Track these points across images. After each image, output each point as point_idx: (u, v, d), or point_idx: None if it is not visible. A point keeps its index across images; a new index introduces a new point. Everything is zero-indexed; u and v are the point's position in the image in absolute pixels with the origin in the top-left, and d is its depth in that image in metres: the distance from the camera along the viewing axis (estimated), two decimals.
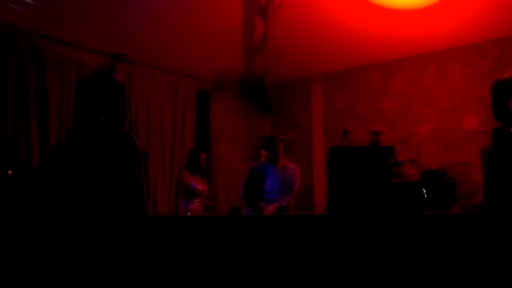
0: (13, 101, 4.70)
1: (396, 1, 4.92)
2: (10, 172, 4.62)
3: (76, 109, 5.10)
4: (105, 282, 2.13)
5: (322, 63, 6.54)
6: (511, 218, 2.15)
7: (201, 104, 6.72)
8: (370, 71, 6.56)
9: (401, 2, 4.92)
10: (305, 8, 5.15)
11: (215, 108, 6.85)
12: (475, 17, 5.06)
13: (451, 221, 2.32)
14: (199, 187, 4.99)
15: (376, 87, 6.51)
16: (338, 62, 6.50)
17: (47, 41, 5.02)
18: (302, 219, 2.93)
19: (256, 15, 5.81)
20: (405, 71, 6.28)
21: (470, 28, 5.33)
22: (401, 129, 6.15)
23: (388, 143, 5.57)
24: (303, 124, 7.07)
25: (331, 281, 2.56)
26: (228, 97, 6.96)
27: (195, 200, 4.93)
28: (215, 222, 3.21)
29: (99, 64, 5.28)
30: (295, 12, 5.20)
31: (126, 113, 2.47)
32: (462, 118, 5.77)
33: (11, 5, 4.35)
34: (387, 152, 3.33)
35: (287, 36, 5.54)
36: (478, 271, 2.14)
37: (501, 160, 2.31)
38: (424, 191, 3.07)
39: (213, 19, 5.21)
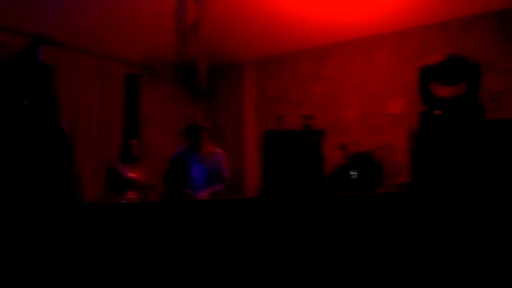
0: None
1: None
2: None
3: None
4: (33, 267, 2.02)
5: (255, 48, 6.56)
6: (436, 196, 2.28)
7: (130, 89, 6.51)
8: (301, 57, 6.67)
9: None
10: None
11: (145, 93, 6.66)
12: (400, 5, 5.29)
13: (382, 200, 2.41)
14: (130, 175, 4.84)
15: (307, 73, 6.63)
16: (271, 47, 6.55)
17: None
18: (239, 202, 2.93)
19: None
20: (334, 57, 6.45)
21: (395, 16, 5.56)
22: (330, 113, 6.33)
23: (318, 127, 5.70)
24: (236, 109, 7.07)
25: (264, 263, 2.59)
26: (158, 82, 6.79)
27: (130, 191, 4.77)
28: (148, 209, 3.14)
29: (20, 46, 4.93)
30: None
31: (55, 97, 2.34)
32: (388, 103, 6.03)
33: None
34: (318, 135, 3.40)
35: (221, 20, 5.48)
36: (407, 248, 2.25)
37: (427, 141, 2.44)
38: (353, 173, 3.19)
39: (144, 0, 5.05)
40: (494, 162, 2.32)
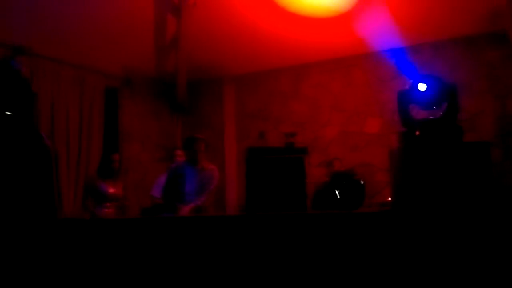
0: None
1: (306, 9, 5.13)
2: None
3: None
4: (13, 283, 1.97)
5: (234, 65, 6.60)
6: (418, 215, 2.33)
7: (110, 102, 6.44)
8: (280, 74, 6.74)
9: (312, 10, 5.14)
10: (219, 9, 5.17)
11: (125, 107, 6.60)
12: (376, 28, 5.42)
13: (365, 220, 2.45)
14: (111, 190, 4.77)
15: (286, 90, 6.70)
16: (250, 64, 6.60)
17: None
18: (219, 220, 2.93)
19: (168, 12, 5.72)
20: (314, 76, 6.54)
21: (370, 38, 5.69)
22: (310, 131, 6.39)
23: (298, 145, 5.75)
24: (215, 125, 7.07)
25: (247, 281, 2.59)
26: (138, 96, 6.75)
27: (107, 204, 4.70)
28: (129, 225, 3.10)
29: None
30: (208, 13, 5.20)
31: (34, 108, 2.30)
32: (366, 122, 6.13)
33: None
34: (301, 152, 3.43)
35: (200, 36, 5.53)
36: (389, 266, 2.28)
37: (408, 161, 2.49)
38: (337, 191, 3.21)
39: (124, 13, 5.05)
40: (470, 183, 2.38)
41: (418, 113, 2.75)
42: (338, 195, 3.88)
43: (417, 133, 2.59)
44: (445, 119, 2.61)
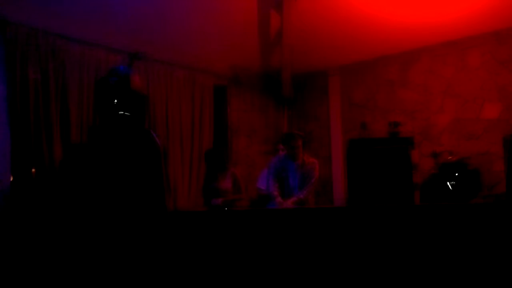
0: (35, 101, 4.78)
1: None
2: (33, 170, 4.72)
3: (95, 107, 5.17)
4: (124, 278, 2.16)
5: (339, 55, 6.50)
6: None
7: (218, 99, 6.75)
8: (387, 62, 6.50)
9: None
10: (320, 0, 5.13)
11: (233, 103, 6.87)
12: (494, 4, 4.97)
13: (474, 212, 2.29)
14: (221, 184, 4.99)
15: (394, 78, 6.45)
16: (355, 53, 6.45)
17: (65, 41, 5.09)
18: (322, 212, 2.93)
19: (271, 8, 5.80)
20: (424, 61, 6.21)
21: (488, 16, 5.24)
22: (420, 120, 6.09)
23: (407, 134, 5.52)
24: (321, 117, 7.05)
25: (354, 274, 2.56)
26: (245, 92, 6.97)
27: (219, 199, 4.93)
28: (235, 216, 3.23)
29: (117, 63, 5.34)
30: (310, 4, 5.17)
31: (146, 109, 2.49)
32: (483, 107, 5.69)
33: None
34: (406, 143, 3.30)
35: (303, 29, 5.52)
36: (500, 261, 2.12)
37: None
38: (450, 183, 3.05)
39: (229, 14, 5.22)
40: None
41: None
42: (450, 186, 3.67)
43: None
44: None
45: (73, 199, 2.32)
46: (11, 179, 4.64)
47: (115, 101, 2.30)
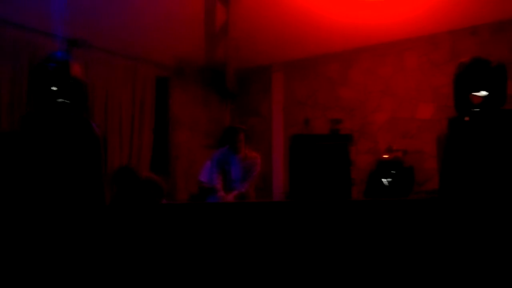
0: None
1: None
2: None
3: (29, 95, 4.92)
4: (62, 271, 2.08)
5: (282, 52, 6.57)
6: (464, 203, 2.24)
7: (160, 91, 6.62)
8: (329, 60, 6.64)
9: None
10: None
11: (175, 95, 6.76)
12: (431, 9, 5.21)
13: (409, 207, 2.39)
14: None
15: (335, 76, 6.60)
16: (299, 50, 6.54)
17: None
18: (263, 206, 2.95)
19: (217, 1, 5.76)
20: (363, 61, 6.40)
21: (426, 20, 5.48)
22: (358, 118, 6.28)
23: (346, 131, 5.68)
24: (264, 112, 7.10)
25: (292, 267, 2.60)
26: (188, 84, 6.88)
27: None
28: (173, 211, 3.18)
29: (55, 49, 5.10)
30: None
31: (86, 97, 2.39)
32: (418, 107, 5.95)
33: None
34: (346, 140, 3.37)
35: (249, 23, 5.52)
36: (434, 255, 2.23)
37: (456, 148, 2.40)
38: (385, 179, 3.16)
39: (173, 3, 5.13)
40: None
41: (472, 96, 2.63)
42: (386, 183, 3.82)
43: (467, 118, 2.49)
44: (495, 103, 2.49)
45: (3, 191, 2.19)
46: None
47: (54, 88, 2.20)
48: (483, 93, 2.50)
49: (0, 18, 4.82)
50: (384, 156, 5.04)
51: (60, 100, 2.25)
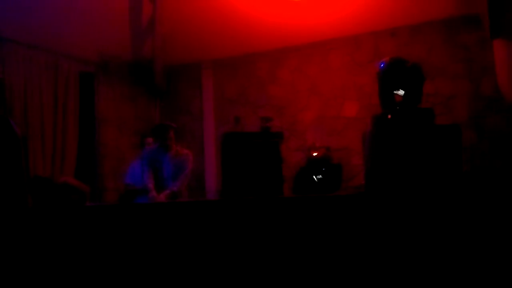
0: None
1: None
2: None
3: None
4: None
5: (212, 49, 6.54)
6: (389, 198, 2.36)
7: (85, 87, 6.33)
8: (258, 59, 6.70)
9: None
10: None
11: (101, 92, 6.49)
12: (355, 11, 5.43)
13: (337, 203, 2.47)
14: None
15: (264, 75, 6.68)
16: (228, 48, 6.54)
17: None
18: (196, 205, 2.92)
19: None
20: (291, 60, 6.53)
21: (350, 21, 5.69)
22: (288, 116, 6.40)
23: (276, 129, 5.77)
24: (194, 110, 7.03)
25: (224, 266, 2.60)
26: (114, 81, 6.64)
27: None
28: (102, 212, 3.07)
29: None
30: None
31: (1, 94, 2.25)
32: (343, 106, 6.16)
33: None
34: (277, 137, 3.44)
35: (177, 19, 5.47)
36: (360, 248, 2.31)
37: (379, 144, 2.51)
38: (316, 176, 3.25)
39: None
40: (441, 165, 2.41)
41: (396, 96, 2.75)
42: (316, 179, 3.93)
43: (389, 116, 2.61)
44: (410, 102, 2.62)
45: None
46: None
47: None
48: (401, 92, 2.64)
49: None
50: (314, 153, 5.18)
51: None
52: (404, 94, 2.62)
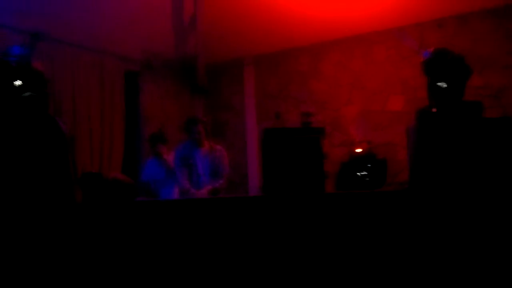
0: None
1: None
2: None
3: None
4: (34, 269, 2.02)
5: (254, 45, 6.53)
6: (434, 193, 2.28)
7: (130, 85, 6.48)
8: (300, 54, 6.65)
9: None
10: None
11: (145, 90, 6.63)
12: (399, 1, 5.27)
13: (381, 199, 2.41)
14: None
15: (305, 70, 6.61)
16: (269, 44, 6.52)
17: None
18: (240, 201, 2.93)
19: None
20: (334, 54, 6.42)
21: (394, 12, 5.54)
22: (330, 111, 6.31)
23: (318, 125, 5.71)
24: (236, 106, 7.06)
25: (268, 263, 2.59)
26: (158, 79, 6.76)
27: None
28: (148, 208, 3.13)
29: (17, 43, 4.91)
30: None
31: (48, 94, 2.32)
32: (388, 100, 6.02)
33: None
34: (318, 133, 3.39)
35: (218, 16, 5.47)
36: (407, 243, 2.25)
37: (424, 139, 2.43)
38: (359, 172, 3.18)
39: None
40: (491, 160, 2.30)
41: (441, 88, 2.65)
42: (359, 175, 3.85)
43: (434, 110, 2.52)
44: (453, 95, 2.52)
45: None
46: None
47: (18, 82, 2.13)
48: (443, 84, 2.54)
49: None
50: (357, 149, 5.07)
51: (27, 94, 2.18)
52: (447, 86, 2.52)
